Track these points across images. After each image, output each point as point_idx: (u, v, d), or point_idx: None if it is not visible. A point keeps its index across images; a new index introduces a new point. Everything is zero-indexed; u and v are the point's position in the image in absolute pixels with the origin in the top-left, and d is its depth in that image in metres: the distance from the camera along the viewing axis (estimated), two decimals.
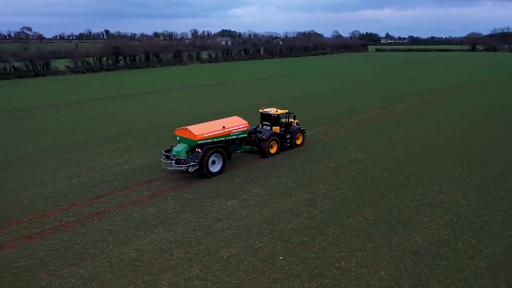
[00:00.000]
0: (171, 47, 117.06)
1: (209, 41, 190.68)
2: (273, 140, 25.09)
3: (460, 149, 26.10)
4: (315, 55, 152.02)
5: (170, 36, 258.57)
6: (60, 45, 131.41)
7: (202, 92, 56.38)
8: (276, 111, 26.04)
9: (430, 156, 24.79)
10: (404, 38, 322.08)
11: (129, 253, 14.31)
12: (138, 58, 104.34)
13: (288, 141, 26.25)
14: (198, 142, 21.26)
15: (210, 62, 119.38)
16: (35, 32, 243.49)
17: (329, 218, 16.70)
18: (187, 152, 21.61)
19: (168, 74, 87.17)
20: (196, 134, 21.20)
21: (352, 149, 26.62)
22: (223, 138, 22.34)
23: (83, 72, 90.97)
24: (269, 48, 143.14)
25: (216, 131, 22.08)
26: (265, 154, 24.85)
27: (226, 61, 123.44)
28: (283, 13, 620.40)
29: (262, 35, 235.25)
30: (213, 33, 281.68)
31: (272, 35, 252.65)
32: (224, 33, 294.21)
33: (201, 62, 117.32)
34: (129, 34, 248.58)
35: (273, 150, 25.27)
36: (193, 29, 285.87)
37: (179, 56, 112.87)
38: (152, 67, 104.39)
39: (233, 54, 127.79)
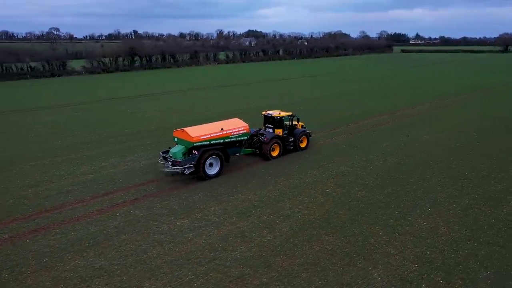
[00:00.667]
0: (187, 48, 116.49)
1: (233, 41, 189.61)
2: (275, 143, 24.54)
3: (459, 162, 23.42)
4: (337, 56, 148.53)
5: (196, 37, 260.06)
6: (87, 45, 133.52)
7: (212, 93, 55.22)
8: (279, 114, 25.40)
9: (422, 171, 22.24)
10: (435, 39, 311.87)
11: (44, 281, 12.80)
12: (154, 59, 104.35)
13: (291, 144, 25.57)
14: (195, 144, 20.88)
15: (227, 63, 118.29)
16: (62, 33, 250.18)
17: (282, 245, 14.69)
18: (183, 154, 21.30)
19: (180, 75, 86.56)
20: (192, 135, 20.79)
21: (337, 161, 24.37)
22: (222, 141, 21.96)
23: (99, 73, 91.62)
24: (290, 49, 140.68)
25: (214, 133, 21.66)
26: (266, 157, 24.26)
27: (244, 62, 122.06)
28: (312, 13, 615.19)
29: (287, 35, 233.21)
30: (239, 33, 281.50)
31: (297, 35, 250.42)
32: (249, 33, 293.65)
33: (218, 63, 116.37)
34: (157, 35, 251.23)
35: (275, 153, 24.68)
36: (218, 30, 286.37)
37: (195, 57, 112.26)
38: (168, 67, 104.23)
39: (251, 55, 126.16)
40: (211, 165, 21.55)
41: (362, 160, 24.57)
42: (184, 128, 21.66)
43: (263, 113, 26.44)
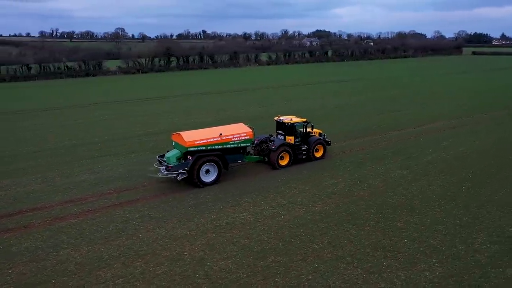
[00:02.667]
0: (226, 48, 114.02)
1: (296, 42, 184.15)
2: (283, 151, 22.49)
3: (463, 197, 17.61)
4: (393, 58, 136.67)
5: (261, 36, 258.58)
6: (149, 45, 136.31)
7: (241, 96, 52.04)
8: (291, 120, 23.26)
9: (409, 205, 16.85)
10: None
11: None
12: (192, 60, 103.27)
13: (304, 153, 23.29)
14: (188, 149, 19.68)
15: (268, 64, 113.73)
16: (127, 33, 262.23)
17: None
18: (178, 159, 20.26)
19: (213, 76, 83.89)
20: (186, 140, 19.65)
21: (321, 186, 19.49)
22: (220, 146, 20.50)
23: (133, 73, 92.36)
24: (339, 50, 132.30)
25: (210, 138, 20.30)
26: (274, 166, 22.31)
27: (287, 63, 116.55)
28: (387, 13, 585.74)
29: (356, 35, 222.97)
30: (306, 33, 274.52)
31: (365, 35, 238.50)
32: (316, 33, 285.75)
33: (259, 64, 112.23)
34: (224, 35, 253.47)
35: (283, 162, 22.64)
36: (283, 30, 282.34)
37: (235, 58, 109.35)
38: (205, 68, 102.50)
39: (296, 56, 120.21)
40: (207, 172, 20.13)
41: (347, 185, 19.27)
42: (180, 132, 20.62)
43: (275, 118, 24.20)
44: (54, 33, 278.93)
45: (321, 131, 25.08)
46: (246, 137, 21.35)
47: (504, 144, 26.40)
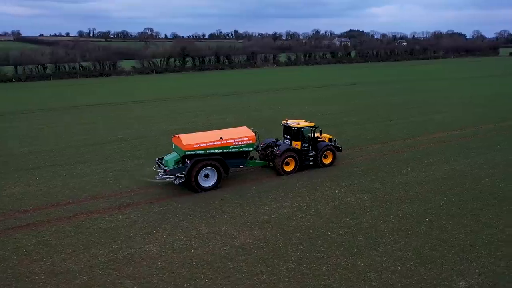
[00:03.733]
0: (244, 49, 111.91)
1: (326, 41, 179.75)
2: (288, 156, 21.45)
3: (419, 233, 14.13)
4: (422, 59, 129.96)
5: (292, 36, 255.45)
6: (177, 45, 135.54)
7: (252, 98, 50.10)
8: (298, 124, 22.18)
9: (349, 241, 13.80)
10: None
11: None
12: (208, 60, 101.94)
13: (311, 159, 22.19)
14: (186, 152, 19.07)
15: (287, 65, 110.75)
16: (157, 33, 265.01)
17: None
18: (176, 162, 19.81)
19: (226, 77, 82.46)
20: (184, 143, 19.08)
21: (259, 211, 16.90)
22: (220, 150, 19.84)
23: (148, 73, 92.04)
24: (363, 51, 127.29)
25: (210, 142, 19.64)
26: (278, 172, 21.35)
27: (307, 64, 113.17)
28: (426, 12, 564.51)
29: (391, 35, 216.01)
30: (339, 33, 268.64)
31: (399, 35, 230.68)
32: (349, 33, 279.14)
33: (277, 65, 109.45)
34: (256, 34, 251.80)
35: (288, 168, 21.63)
36: (314, 29, 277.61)
37: (252, 58, 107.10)
38: (221, 69, 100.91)
39: (317, 57, 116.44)
40: (207, 176, 19.45)
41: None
42: (179, 135, 20.04)
43: (282, 122, 23.33)
44: (92, 33, 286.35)
45: (331, 137, 23.88)
46: (248, 142, 20.47)
47: (497, 167, 22.47)
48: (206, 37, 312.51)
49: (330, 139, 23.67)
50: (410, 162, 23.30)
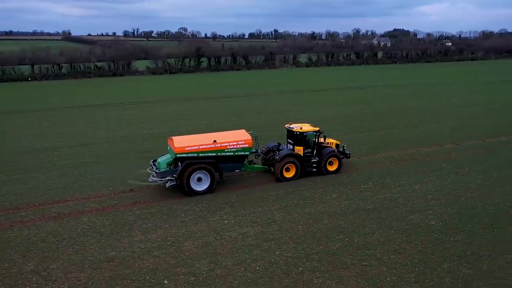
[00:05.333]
0: (259, 50, 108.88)
1: (364, 41, 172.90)
2: (289, 162, 20.48)
3: None
4: (457, 60, 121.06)
5: (331, 36, 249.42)
6: (214, 44, 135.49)
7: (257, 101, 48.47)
8: (301, 128, 21.17)
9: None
10: None
11: None
12: (224, 60, 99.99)
13: (314, 165, 21.15)
14: (178, 155, 18.79)
15: (307, 66, 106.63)
16: (190, 31, 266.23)
17: None
18: (168, 164, 19.54)
19: (235, 78, 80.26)
20: (176, 146, 18.83)
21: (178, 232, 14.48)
22: (214, 154, 19.33)
23: (161, 73, 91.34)
24: (392, 52, 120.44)
25: (203, 145, 19.20)
26: (277, 178, 20.43)
27: (329, 65, 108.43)
28: (480, 10, 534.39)
29: (437, 35, 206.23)
30: (383, 32, 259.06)
31: (446, 34, 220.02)
32: (392, 32, 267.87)
33: (296, 66, 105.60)
34: (296, 34, 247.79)
35: (289, 174, 20.64)
36: (354, 29, 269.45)
37: (271, 59, 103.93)
38: (237, 70, 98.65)
39: (340, 58, 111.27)
40: (199, 180, 19.10)
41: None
42: (173, 137, 19.91)
43: (286, 126, 22.41)
44: (135, 32, 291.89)
45: (338, 142, 22.79)
46: (244, 145, 19.73)
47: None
48: (246, 36, 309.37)
49: (337, 145, 22.51)
50: (368, 177, 19.71)
